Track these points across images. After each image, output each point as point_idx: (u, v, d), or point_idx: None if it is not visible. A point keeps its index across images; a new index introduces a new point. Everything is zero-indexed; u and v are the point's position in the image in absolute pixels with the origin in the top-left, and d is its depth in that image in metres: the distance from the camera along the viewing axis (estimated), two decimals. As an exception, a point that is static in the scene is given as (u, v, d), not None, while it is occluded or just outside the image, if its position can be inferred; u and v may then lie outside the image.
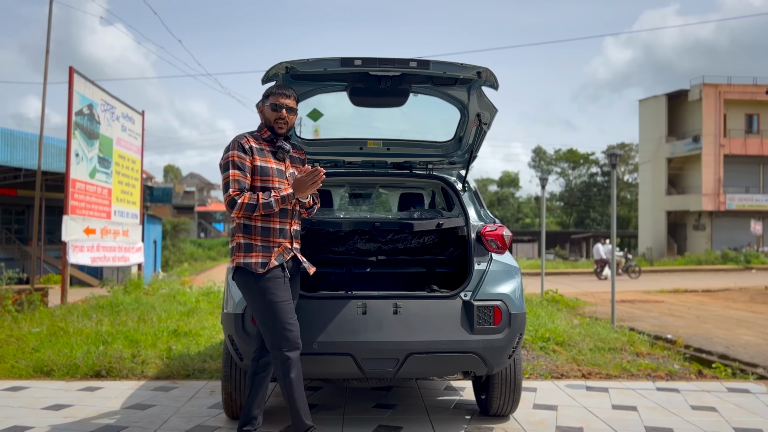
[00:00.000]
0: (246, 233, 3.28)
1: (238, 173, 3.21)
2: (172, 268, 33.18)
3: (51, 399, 4.55)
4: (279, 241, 3.30)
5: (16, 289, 10.09)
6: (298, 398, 3.27)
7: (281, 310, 3.21)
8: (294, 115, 3.39)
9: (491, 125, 4.07)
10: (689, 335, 8.74)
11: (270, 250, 3.28)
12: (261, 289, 3.22)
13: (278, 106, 3.32)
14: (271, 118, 3.35)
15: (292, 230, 3.36)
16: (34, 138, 20.48)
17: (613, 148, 9.70)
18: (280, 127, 3.35)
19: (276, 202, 3.20)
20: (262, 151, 3.32)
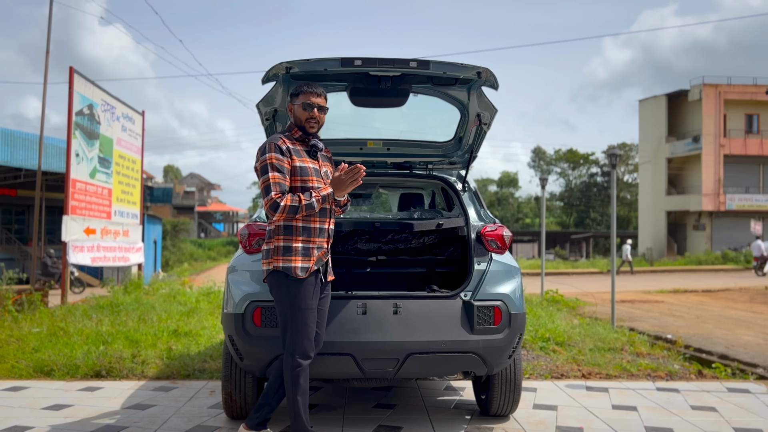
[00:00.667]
0: (287, 235, 3.23)
1: (278, 176, 3.17)
2: (172, 268, 33.19)
3: (51, 399, 4.55)
4: (319, 240, 3.28)
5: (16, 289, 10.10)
6: (302, 404, 3.28)
7: (306, 318, 3.22)
8: (324, 113, 3.36)
9: (491, 125, 4.07)
10: (689, 335, 8.74)
11: (310, 252, 3.25)
12: (293, 294, 3.22)
13: (310, 106, 3.30)
14: (303, 118, 3.31)
15: (329, 229, 3.35)
16: (35, 138, 20.49)
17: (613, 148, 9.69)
18: (311, 127, 3.32)
19: (318, 202, 3.19)
20: (297, 152, 3.30)
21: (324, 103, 3.35)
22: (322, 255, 3.30)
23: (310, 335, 3.23)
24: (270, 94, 3.74)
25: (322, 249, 3.30)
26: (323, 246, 3.31)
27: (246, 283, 3.64)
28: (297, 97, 3.33)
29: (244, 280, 3.65)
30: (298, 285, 3.21)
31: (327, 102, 3.38)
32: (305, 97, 3.30)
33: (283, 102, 3.85)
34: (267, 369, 3.54)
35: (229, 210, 72.98)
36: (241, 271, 3.70)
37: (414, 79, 3.71)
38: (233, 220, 72.38)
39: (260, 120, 4.01)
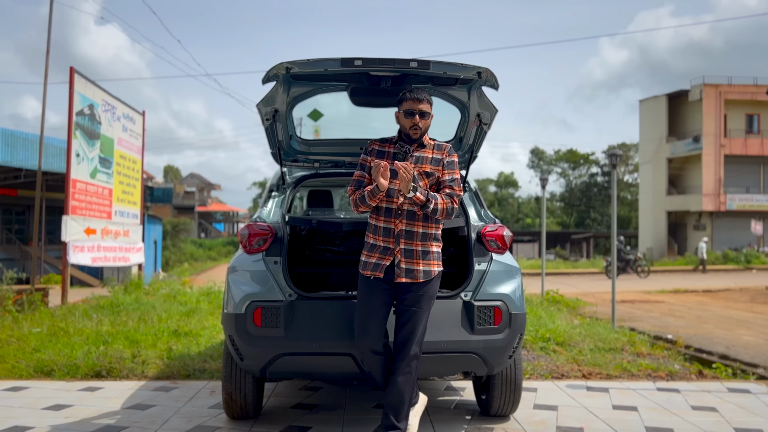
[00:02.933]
0: (367, 231, 3.46)
1: (357, 173, 3.45)
2: (173, 269, 33.20)
3: (51, 399, 4.55)
4: (383, 239, 3.35)
5: (16, 290, 10.10)
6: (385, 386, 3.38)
7: (359, 312, 3.37)
8: (426, 119, 3.36)
9: (491, 125, 4.07)
10: (690, 335, 8.74)
11: (373, 248, 3.38)
12: (359, 286, 3.40)
13: (412, 113, 3.32)
14: (407, 126, 3.36)
15: (399, 230, 3.34)
16: (35, 138, 20.50)
17: (614, 149, 9.69)
18: (415, 133, 3.36)
19: (368, 195, 3.29)
20: (383, 153, 3.41)
21: (427, 109, 3.35)
22: (387, 255, 3.33)
23: (360, 329, 3.34)
24: (270, 94, 3.73)
25: (389, 249, 3.33)
26: (389, 246, 3.34)
27: (246, 283, 3.63)
28: (401, 104, 3.37)
29: (245, 280, 3.65)
30: (361, 279, 3.39)
31: (432, 107, 3.38)
32: (408, 104, 3.33)
33: (283, 102, 3.85)
34: (267, 369, 3.54)
35: (230, 210, 72.99)
36: (242, 271, 3.70)
37: (414, 79, 3.71)
38: (233, 220, 72.39)
39: (260, 120, 4.01)
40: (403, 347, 3.30)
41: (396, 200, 3.32)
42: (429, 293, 3.36)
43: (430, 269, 3.36)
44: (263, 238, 3.72)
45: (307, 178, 4.36)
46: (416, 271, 3.33)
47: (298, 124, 4.27)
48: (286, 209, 4.11)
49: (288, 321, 3.48)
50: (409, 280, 3.32)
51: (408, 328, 3.30)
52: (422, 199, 3.27)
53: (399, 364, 3.30)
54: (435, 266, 3.38)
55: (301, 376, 3.86)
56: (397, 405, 3.28)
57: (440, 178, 3.41)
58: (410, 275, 3.33)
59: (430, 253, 3.38)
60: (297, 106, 4.02)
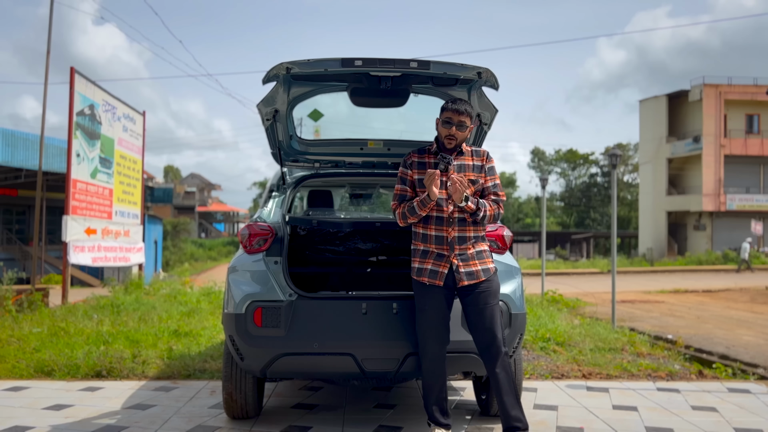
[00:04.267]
0: (415, 239, 3.50)
1: (399, 187, 3.50)
2: (173, 269, 33.19)
3: (52, 399, 4.56)
4: (436, 247, 3.39)
5: (16, 290, 10.10)
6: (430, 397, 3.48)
7: (420, 318, 3.41)
8: (463, 131, 3.39)
9: (492, 125, 4.07)
10: (690, 335, 8.74)
11: (426, 256, 3.42)
12: (414, 293, 3.46)
13: (450, 123, 3.37)
14: (443, 134, 3.42)
15: (452, 237, 3.39)
16: (35, 138, 20.51)
17: (613, 149, 9.70)
18: (449, 143, 3.41)
19: (417, 205, 3.34)
20: (423, 165, 3.45)
21: (466, 121, 3.38)
22: (443, 262, 3.38)
23: (425, 335, 3.38)
24: (270, 94, 3.74)
25: (443, 255, 3.38)
26: (444, 253, 3.38)
27: (247, 283, 3.64)
28: (442, 113, 3.42)
29: (245, 280, 3.65)
30: (416, 285, 3.45)
31: (472, 120, 3.42)
32: (447, 114, 3.38)
33: (284, 102, 3.85)
34: (267, 369, 3.54)
35: (230, 210, 73.00)
36: (242, 271, 3.70)
37: (414, 79, 3.72)
38: (234, 221, 72.39)
39: (261, 120, 4.01)
40: (489, 348, 3.37)
41: (446, 209, 3.38)
42: (493, 288, 3.44)
43: (487, 267, 3.45)
44: (263, 238, 3.72)
45: (307, 179, 4.37)
46: (476, 272, 3.41)
47: (298, 125, 4.27)
48: (287, 209, 4.11)
49: (288, 321, 3.48)
50: (471, 281, 3.39)
51: (486, 327, 3.37)
52: (473, 208, 3.36)
53: (493, 363, 3.37)
54: (490, 263, 3.48)
55: (301, 376, 3.87)
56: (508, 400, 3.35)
57: (483, 185, 3.49)
58: (471, 277, 3.40)
59: (483, 251, 3.47)
60: (297, 107, 4.03)
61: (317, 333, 3.46)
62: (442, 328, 3.41)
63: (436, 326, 3.39)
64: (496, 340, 3.36)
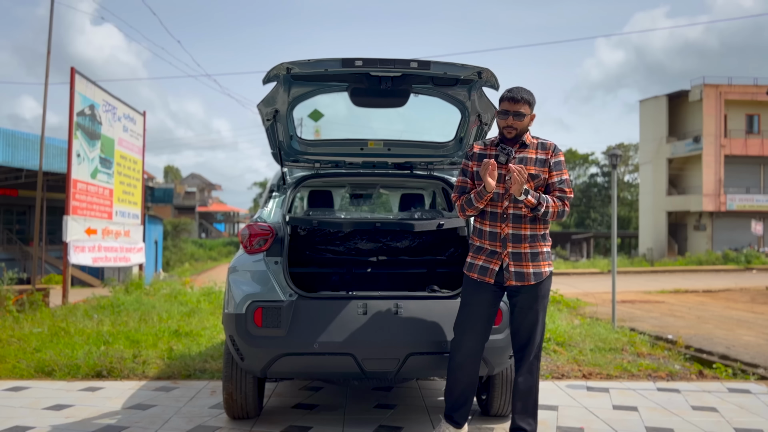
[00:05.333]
0: (472, 234, 3.49)
1: (460, 179, 3.47)
2: (173, 269, 33.19)
3: (52, 399, 4.56)
4: (489, 243, 3.36)
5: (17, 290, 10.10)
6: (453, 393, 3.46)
7: (463, 311, 3.40)
8: (521, 120, 3.30)
9: (492, 126, 4.08)
10: (690, 335, 8.74)
11: (479, 251, 3.40)
12: (463, 286, 3.45)
13: (506, 114, 3.31)
14: (501, 126, 3.37)
15: (505, 233, 3.32)
16: (36, 138, 20.51)
17: (613, 149, 9.70)
18: (509, 133, 3.35)
19: (474, 197, 3.31)
20: (484, 156, 3.40)
21: (524, 110, 3.29)
22: (495, 259, 3.34)
23: (463, 329, 3.36)
24: (271, 94, 3.74)
25: (495, 253, 3.33)
26: (496, 250, 3.34)
27: (247, 283, 3.64)
28: (499, 104, 3.38)
29: (245, 281, 3.65)
30: (466, 279, 3.43)
31: (532, 108, 3.34)
32: (503, 105, 3.34)
33: (284, 102, 3.86)
34: (268, 369, 3.54)
35: (230, 210, 72.99)
36: (242, 272, 3.71)
37: (415, 79, 3.72)
38: (234, 221, 72.37)
39: (261, 121, 4.01)
40: (524, 349, 3.39)
41: (501, 204, 3.31)
42: (542, 293, 3.38)
43: (540, 270, 3.35)
44: (264, 238, 3.72)
45: (307, 179, 4.37)
46: (527, 274, 3.32)
47: (298, 125, 4.28)
48: (287, 209, 4.11)
49: (289, 321, 3.48)
50: (519, 283, 3.32)
51: (526, 330, 3.38)
52: (534, 203, 3.24)
53: (520, 364, 3.40)
54: (546, 266, 3.38)
55: (301, 376, 3.87)
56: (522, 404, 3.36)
57: (548, 180, 3.38)
58: (520, 278, 3.32)
59: (539, 254, 3.36)
60: (297, 107, 4.03)
61: (317, 333, 3.46)
62: (482, 325, 3.37)
63: (477, 322, 3.36)
64: (531, 345, 3.36)
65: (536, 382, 3.42)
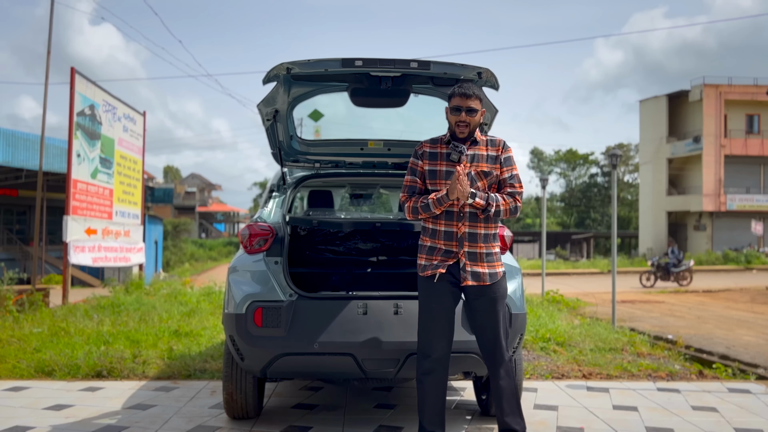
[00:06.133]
0: (424, 235, 3.37)
1: (409, 179, 3.36)
2: (173, 269, 33.20)
3: (52, 399, 4.56)
4: (445, 243, 3.26)
5: (17, 290, 10.10)
6: (427, 402, 3.28)
7: (425, 316, 3.28)
8: (473, 116, 3.23)
9: (492, 126, 4.08)
10: (690, 335, 8.74)
11: (433, 252, 3.28)
12: (419, 291, 3.33)
13: (459, 110, 3.22)
14: (452, 122, 3.26)
15: (461, 233, 3.25)
16: (36, 138, 20.51)
17: (613, 149, 9.70)
18: (461, 131, 3.25)
19: (433, 204, 3.21)
20: (435, 155, 3.31)
21: (476, 105, 3.23)
22: (449, 258, 3.25)
23: (430, 334, 3.26)
24: (271, 94, 3.74)
25: (450, 252, 3.26)
26: (452, 249, 3.26)
27: (247, 283, 3.64)
28: (450, 100, 3.29)
29: (245, 281, 3.65)
30: (422, 282, 3.31)
31: (483, 103, 3.29)
32: (455, 101, 3.24)
33: (284, 102, 3.86)
34: (268, 369, 3.54)
35: (230, 210, 72.99)
36: (242, 272, 3.71)
37: (415, 79, 3.72)
38: (234, 221, 72.38)
39: (261, 121, 4.01)
40: (494, 353, 3.28)
41: (457, 203, 3.23)
42: (500, 294, 3.31)
43: (495, 271, 3.30)
44: (264, 238, 3.72)
45: (307, 179, 4.37)
46: (482, 274, 3.26)
47: (298, 125, 4.28)
48: (287, 209, 4.12)
49: (288, 321, 3.48)
50: (475, 283, 3.26)
51: (490, 333, 3.28)
52: (482, 204, 3.21)
53: (496, 368, 3.29)
54: (499, 267, 3.32)
55: (301, 376, 3.87)
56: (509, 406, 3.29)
57: (499, 177, 3.32)
58: (476, 278, 3.26)
59: (493, 254, 3.31)
60: (297, 107, 4.03)
61: (317, 333, 3.46)
62: (449, 327, 3.29)
63: (444, 324, 3.27)
64: (499, 347, 3.26)
65: (517, 383, 3.39)
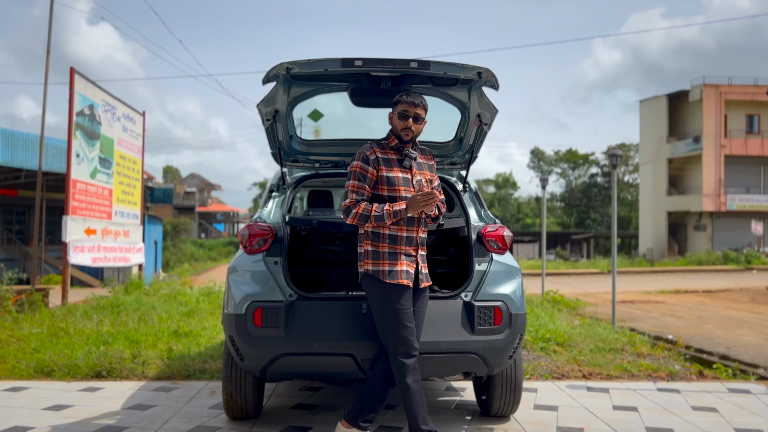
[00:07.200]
0: (374, 240, 3.32)
1: (356, 184, 3.32)
2: (173, 269, 33.21)
3: (52, 399, 4.56)
4: (405, 248, 3.33)
5: (16, 290, 10.10)
6: (416, 403, 3.26)
7: (401, 318, 3.26)
8: (421, 123, 3.37)
9: (492, 126, 4.07)
10: (690, 336, 8.74)
11: (397, 257, 3.31)
12: (385, 297, 3.27)
13: (406, 116, 3.33)
14: (399, 127, 3.35)
15: (418, 238, 3.37)
16: (35, 138, 20.51)
17: (613, 149, 9.70)
18: (406, 135, 3.36)
19: (388, 215, 3.23)
20: (388, 161, 3.36)
21: (422, 114, 3.36)
22: (411, 262, 3.33)
23: (408, 333, 3.27)
24: (270, 94, 3.73)
25: (411, 256, 3.33)
26: (411, 254, 3.34)
27: (247, 283, 3.64)
28: (396, 105, 3.37)
29: (245, 281, 3.65)
30: (389, 288, 3.27)
31: (426, 112, 3.40)
32: (404, 107, 3.33)
33: (284, 102, 3.85)
34: (267, 369, 3.54)
35: (230, 210, 73.01)
36: (242, 272, 3.70)
37: (414, 79, 3.71)
38: (234, 221, 72.39)
39: (261, 121, 4.01)
40: None
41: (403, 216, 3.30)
42: (428, 293, 3.49)
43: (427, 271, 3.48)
44: (263, 238, 3.72)
45: (307, 179, 4.36)
46: (427, 275, 3.44)
47: (298, 125, 4.27)
48: (287, 209, 4.11)
49: (288, 321, 3.48)
50: (427, 283, 3.42)
51: (421, 330, 3.40)
52: (437, 213, 3.40)
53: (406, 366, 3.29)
54: None
55: (301, 376, 3.87)
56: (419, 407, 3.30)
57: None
58: (427, 279, 3.43)
59: (426, 256, 3.48)
60: (297, 107, 4.02)
61: (317, 333, 3.46)
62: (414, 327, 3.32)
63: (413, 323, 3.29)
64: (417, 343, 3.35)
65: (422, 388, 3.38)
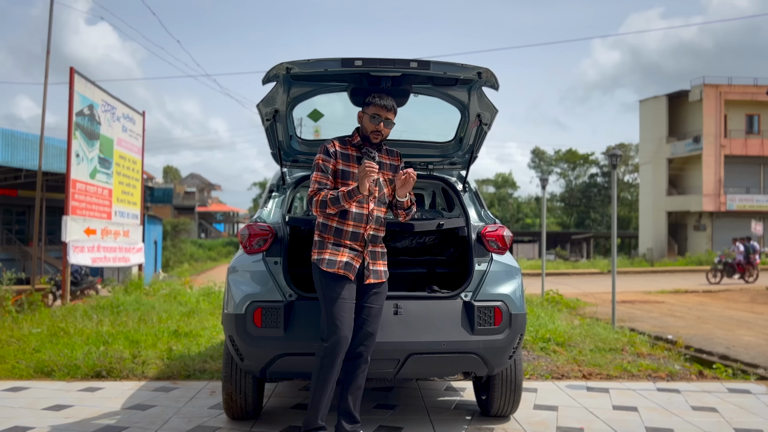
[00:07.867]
0: (322, 231, 3.43)
1: (319, 175, 3.40)
2: (173, 269, 33.21)
3: (51, 399, 4.56)
4: (350, 243, 3.37)
5: (16, 290, 10.10)
6: (322, 394, 3.31)
7: (334, 307, 3.29)
8: (389, 127, 3.44)
9: (492, 126, 4.07)
10: (690, 336, 8.73)
11: (339, 249, 3.37)
12: (323, 285, 3.35)
13: (378, 118, 3.39)
14: (369, 129, 3.43)
15: (366, 235, 3.39)
16: (35, 138, 20.49)
17: (613, 149, 9.70)
18: (375, 138, 3.43)
19: (342, 196, 3.27)
20: (347, 156, 3.43)
21: (392, 118, 3.43)
22: (355, 256, 3.37)
23: (339, 323, 3.27)
24: (270, 94, 3.73)
25: (356, 251, 3.38)
26: (356, 248, 3.38)
27: (246, 283, 3.64)
28: (368, 107, 3.42)
29: (245, 281, 3.65)
30: (326, 276, 3.34)
31: (396, 116, 3.46)
32: (376, 110, 3.39)
33: (284, 102, 3.85)
34: (267, 369, 3.54)
35: (230, 210, 73.01)
36: (242, 272, 3.70)
37: (414, 79, 3.71)
38: (233, 221, 72.39)
39: (261, 120, 4.00)
40: (368, 347, 3.39)
41: (367, 206, 3.40)
42: (384, 290, 3.50)
43: (386, 269, 3.52)
44: (263, 238, 3.72)
45: (307, 179, 4.36)
46: (381, 272, 3.47)
47: (298, 125, 4.27)
48: (287, 209, 4.11)
49: (288, 321, 3.48)
50: (376, 280, 3.44)
51: (371, 327, 3.39)
52: (410, 204, 3.50)
53: (357, 362, 3.37)
54: (386, 266, 3.54)
55: (301, 376, 3.86)
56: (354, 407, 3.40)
57: None
58: (377, 276, 3.45)
59: (384, 254, 3.54)
60: (297, 107, 4.02)
61: (317, 333, 3.45)
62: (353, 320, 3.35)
63: (350, 317, 3.32)
64: (372, 341, 3.38)
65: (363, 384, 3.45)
